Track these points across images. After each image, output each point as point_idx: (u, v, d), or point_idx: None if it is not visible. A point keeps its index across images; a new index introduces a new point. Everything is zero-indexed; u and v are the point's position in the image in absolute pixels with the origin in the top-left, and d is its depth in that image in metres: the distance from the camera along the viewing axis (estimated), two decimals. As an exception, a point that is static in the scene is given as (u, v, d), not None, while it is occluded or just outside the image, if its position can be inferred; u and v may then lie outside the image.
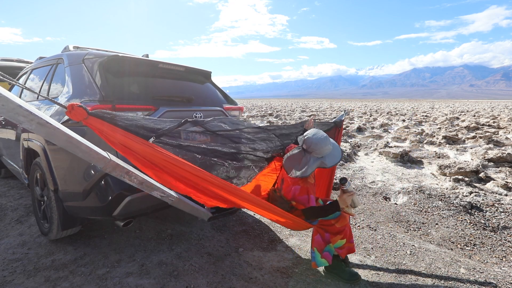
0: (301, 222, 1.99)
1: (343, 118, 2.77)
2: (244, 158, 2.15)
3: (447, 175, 4.55)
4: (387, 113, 20.98)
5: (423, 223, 3.16)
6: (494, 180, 4.23)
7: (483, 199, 3.53)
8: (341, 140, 2.68)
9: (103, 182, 1.94)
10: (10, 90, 3.60)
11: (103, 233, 2.70)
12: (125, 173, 1.46)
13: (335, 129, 2.71)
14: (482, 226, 3.07)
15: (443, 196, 3.68)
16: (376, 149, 6.79)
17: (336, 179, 4.47)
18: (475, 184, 4.17)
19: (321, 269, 2.20)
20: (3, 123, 3.19)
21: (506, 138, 8.40)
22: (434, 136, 8.95)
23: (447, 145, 7.52)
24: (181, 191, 1.61)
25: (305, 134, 2.00)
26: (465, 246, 2.76)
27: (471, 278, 2.17)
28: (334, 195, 4.00)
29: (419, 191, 3.88)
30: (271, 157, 2.30)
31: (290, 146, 2.29)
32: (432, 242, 2.82)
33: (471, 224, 3.11)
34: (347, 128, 10.82)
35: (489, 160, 5.31)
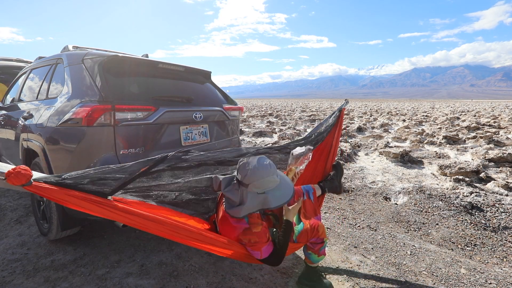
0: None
1: (344, 107, 2.82)
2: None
3: (448, 175, 4.54)
4: (388, 113, 20.97)
5: (423, 223, 3.16)
6: (494, 180, 4.23)
7: (483, 199, 3.52)
8: (341, 128, 2.71)
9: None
10: (8, 90, 3.60)
11: (102, 234, 2.69)
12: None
13: (338, 116, 2.66)
14: (483, 227, 3.06)
15: (444, 196, 3.68)
16: (376, 149, 6.78)
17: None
18: (476, 184, 4.16)
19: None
20: (2, 123, 3.19)
21: (507, 138, 8.39)
22: (435, 136, 8.94)
23: (448, 145, 7.51)
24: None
25: (241, 159, 1.61)
26: (465, 247, 2.75)
27: (471, 279, 2.16)
28: (332, 202, 3.99)
29: (420, 191, 3.88)
30: None
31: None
32: (432, 242, 2.81)
33: (472, 225, 3.10)
34: (347, 128, 10.81)
35: (490, 160, 5.30)
